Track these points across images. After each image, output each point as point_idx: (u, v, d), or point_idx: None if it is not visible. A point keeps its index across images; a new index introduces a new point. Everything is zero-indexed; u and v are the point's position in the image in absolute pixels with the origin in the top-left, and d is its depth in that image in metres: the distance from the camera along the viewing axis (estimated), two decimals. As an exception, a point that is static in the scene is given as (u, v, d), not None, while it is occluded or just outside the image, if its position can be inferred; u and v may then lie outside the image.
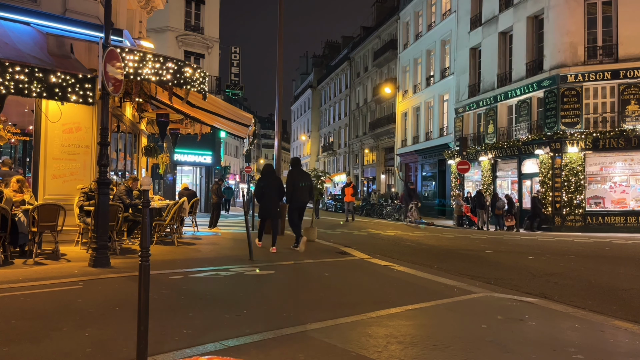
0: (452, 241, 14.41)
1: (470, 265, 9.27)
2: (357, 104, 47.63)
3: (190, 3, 27.61)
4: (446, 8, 30.88)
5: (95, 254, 7.11)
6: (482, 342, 4.12)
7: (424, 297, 5.81)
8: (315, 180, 12.80)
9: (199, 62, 26.91)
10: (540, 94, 21.49)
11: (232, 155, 60.94)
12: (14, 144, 13.10)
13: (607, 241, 15.12)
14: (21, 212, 7.63)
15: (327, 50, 66.98)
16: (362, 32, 49.34)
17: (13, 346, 3.68)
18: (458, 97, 28.16)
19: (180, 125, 14.10)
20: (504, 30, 24.40)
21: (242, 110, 14.54)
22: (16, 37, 7.65)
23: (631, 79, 19.65)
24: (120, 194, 9.65)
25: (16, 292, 5.37)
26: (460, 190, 25.76)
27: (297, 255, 9.29)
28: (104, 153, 7.29)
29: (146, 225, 3.40)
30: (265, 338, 4.03)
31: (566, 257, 10.50)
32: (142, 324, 3.17)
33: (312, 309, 5.10)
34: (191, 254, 9.18)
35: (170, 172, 23.86)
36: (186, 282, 6.42)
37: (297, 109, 74.77)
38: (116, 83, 7.09)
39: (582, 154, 19.97)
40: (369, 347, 3.88)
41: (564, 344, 4.13)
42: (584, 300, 6.16)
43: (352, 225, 20.49)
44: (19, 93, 6.56)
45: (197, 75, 8.51)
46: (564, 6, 20.78)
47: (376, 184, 41.90)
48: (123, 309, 4.77)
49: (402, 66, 37.04)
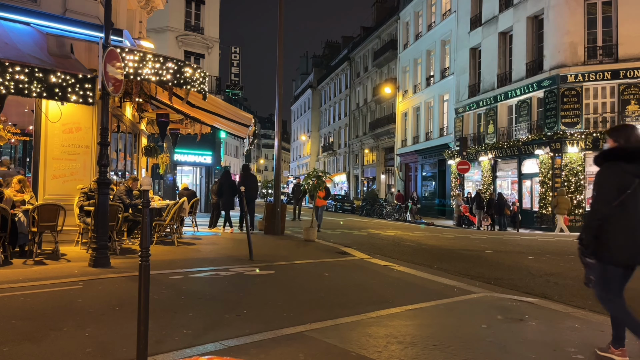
0: (452, 241, 14.41)
1: (470, 265, 9.27)
2: (357, 104, 47.64)
3: (190, 3, 27.60)
4: (446, 8, 30.89)
5: (95, 254, 7.11)
6: (482, 342, 4.12)
7: (424, 297, 5.81)
8: (315, 180, 12.81)
9: (199, 62, 26.91)
10: (540, 94, 21.49)
11: (232, 155, 60.92)
12: (14, 144, 13.10)
13: (607, 241, 15.09)
14: (21, 212, 7.63)
15: (327, 50, 67.01)
16: (362, 32, 49.36)
17: (13, 346, 3.68)
18: (458, 97, 28.17)
19: (180, 125, 14.10)
20: (504, 30, 24.41)
21: (242, 110, 14.55)
22: (16, 37, 7.66)
23: (631, 79, 19.66)
24: (120, 194, 9.65)
25: (16, 292, 5.37)
26: (460, 191, 25.77)
27: (297, 256, 9.29)
28: (104, 153, 7.29)
29: (146, 225, 3.40)
30: (265, 338, 4.03)
31: (566, 257, 10.50)
32: (142, 324, 3.17)
33: (312, 309, 5.10)
34: (191, 254, 9.18)
35: (170, 172, 23.86)
36: (186, 282, 6.42)
37: (297, 109, 74.80)
38: (116, 83, 7.09)
39: (582, 154, 19.97)
40: (369, 347, 3.88)
41: (564, 344, 4.13)
42: (584, 300, 6.15)
43: (352, 225, 20.49)
44: (19, 93, 6.56)
45: (197, 75, 8.51)
46: (564, 6, 20.79)
47: (376, 184, 41.91)
48: (123, 309, 4.77)
49: (402, 66, 37.04)
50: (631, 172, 3.49)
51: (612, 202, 3.51)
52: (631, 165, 3.50)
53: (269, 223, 13.65)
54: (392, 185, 38.88)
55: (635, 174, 3.48)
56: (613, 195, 3.51)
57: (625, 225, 3.50)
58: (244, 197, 11.20)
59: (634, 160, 3.50)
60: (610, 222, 3.53)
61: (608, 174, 3.61)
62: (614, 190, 3.52)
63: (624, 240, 3.50)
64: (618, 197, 3.49)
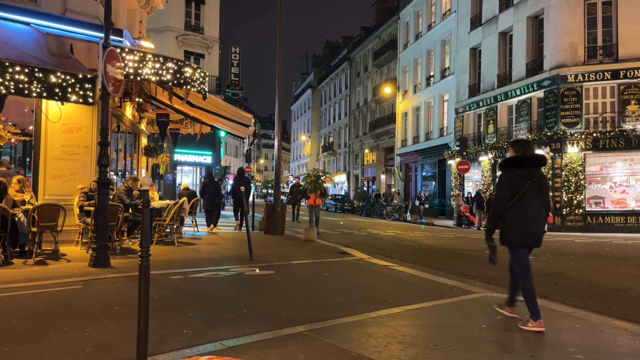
0: (452, 241, 14.41)
1: (470, 265, 9.27)
2: (357, 104, 47.63)
3: (190, 3, 27.61)
4: (446, 8, 30.88)
5: (95, 254, 7.11)
6: (482, 342, 4.12)
7: (424, 297, 5.81)
8: (314, 180, 12.81)
9: (199, 62, 26.91)
10: (541, 94, 21.49)
11: (232, 155, 60.95)
12: (14, 144, 13.10)
13: (607, 241, 15.12)
14: (21, 212, 7.63)
15: (327, 50, 67.01)
16: (362, 32, 49.34)
17: (13, 346, 3.68)
18: (458, 97, 28.16)
19: (180, 125, 14.10)
20: (504, 30, 24.40)
21: (242, 110, 14.54)
22: (16, 37, 7.65)
23: (631, 79, 19.65)
24: (120, 194, 9.65)
25: (16, 292, 5.37)
26: (460, 190, 25.76)
27: (297, 256, 9.29)
28: (104, 153, 7.28)
29: (146, 225, 3.40)
30: (265, 338, 4.03)
31: (566, 257, 10.50)
32: (142, 324, 3.17)
33: (312, 309, 5.10)
34: (191, 254, 9.18)
35: (170, 172, 23.86)
36: (186, 282, 6.41)
37: (297, 109, 74.79)
38: (116, 83, 7.09)
39: (582, 154, 19.97)
40: (369, 347, 3.88)
41: (564, 344, 4.13)
42: (584, 300, 6.15)
43: (352, 225, 20.49)
44: (19, 93, 6.56)
45: (197, 75, 8.51)
46: (564, 6, 20.78)
47: (376, 184, 41.91)
48: (123, 309, 4.77)
49: (402, 66, 37.04)
50: (523, 175, 4.48)
51: (508, 199, 4.47)
52: (523, 171, 4.51)
53: (269, 223, 13.65)
54: (392, 185, 38.87)
55: (526, 177, 4.47)
56: (509, 194, 4.48)
57: (520, 217, 4.46)
58: (244, 197, 11.53)
59: (525, 167, 4.52)
60: (508, 215, 4.51)
61: (506, 177, 4.59)
62: (510, 190, 4.48)
63: (519, 229, 4.50)
64: (513, 196, 4.45)
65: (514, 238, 4.56)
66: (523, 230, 4.49)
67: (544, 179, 4.68)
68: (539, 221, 4.52)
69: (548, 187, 4.77)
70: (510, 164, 4.64)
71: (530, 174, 4.50)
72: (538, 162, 4.63)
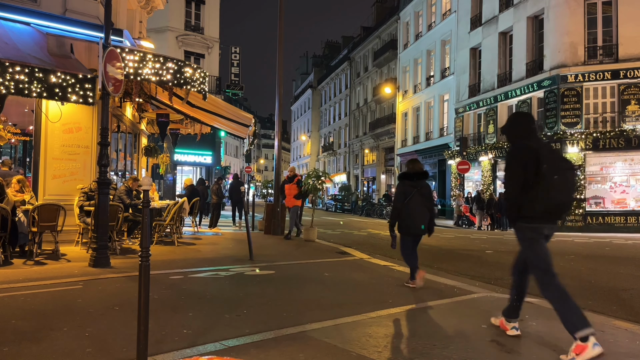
0: (452, 241, 14.41)
1: (470, 265, 9.27)
2: (357, 104, 47.63)
3: (190, 3, 27.62)
4: (446, 8, 30.88)
5: (95, 254, 7.11)
6: (482, 342, 4.12)
7: (424, 297, 5.81)
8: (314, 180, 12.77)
9: (199, 62, 26.91)
10: (541, 94, 21.49)
11: (232, 155, 60.93)
12: (14, 144, 13.11)
13: (607, 241, 15.12)
14: (21, 212, 7.63)
15: (327, 50, 67.01)
16: (362, 32, 49.35)
17: (13, 346, 3.68)
18: (458, 97, 28.17)
19: (180, 125, 14.10)
20: (504, 30, 24.41)
21: (242, 110, 14.54)
22: (16, 37, 7.65)
23: (631, 79, 19.66)
24: (120, 194, 9.65)
25: (16, 292, 5.37)
26: (461, 190, 25.76)
27: (297, 256, 9.30)
28: (104, 153, 7.29)
29: (146, 225, 3.40)
30: (265, 338, 4.03)
31: (566, 257, 10.50)
32: (142, 324, 3.17)
33: (312, 309, 5.10)
34: (191, 254, 9.18)
35: (170, 172, 23.86)
36: (186, 282, 6.41)
37: (297, 109, 74.79)
38: (116, 83, 7.09)
39: (582, 154, 19.97)
40: (369, 347, 3.88)
41: (564, 344, 4.13)
42: (584, 300, 6.15)
43: (352, 225, 20.49)
44: (19, 93, 6.56)
45: (197, 75, 8.51)
46: (564, 6, 20.78)
47: (376, 184, 41.91)
48: (123, 309, 4.77)
49: (402, 66, 37.04)
50: (411, 185, 6.32)
51: (403, 201, 6.25)
52: (410, 181, 6.35)
53: (269, 223, 13.65)
54: (392, 185, 38.86)
55: (413, 186, 6.30)
56: (403, 197, 6.27)
57: (408, 214, 6.22)
58: (244, 197, 11.58)
59: (411, 179, 6.36)
60: (402, 212, 6.26)
61: (400, 185, 6.45)
62: (403, 195, 6.28)
63: (408, 221, 6.26)
64: (405, 198, 6.24)
65: (406, 228, 6.35)
66: (411, 222, 6.25)
67: (428, 187, 6.53)
68: (422, 217, 6.25)
69: (431, 193, 6.65)
70: (403, 176, 6.46)
71: (416, 184, 6.30)
72: (423, 175, 6.47)
